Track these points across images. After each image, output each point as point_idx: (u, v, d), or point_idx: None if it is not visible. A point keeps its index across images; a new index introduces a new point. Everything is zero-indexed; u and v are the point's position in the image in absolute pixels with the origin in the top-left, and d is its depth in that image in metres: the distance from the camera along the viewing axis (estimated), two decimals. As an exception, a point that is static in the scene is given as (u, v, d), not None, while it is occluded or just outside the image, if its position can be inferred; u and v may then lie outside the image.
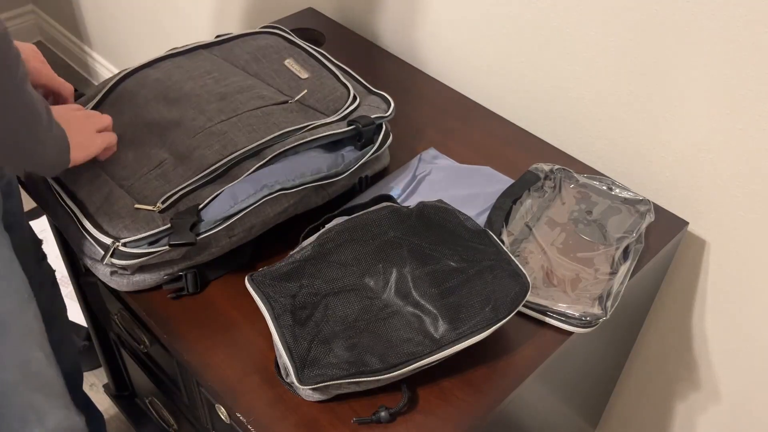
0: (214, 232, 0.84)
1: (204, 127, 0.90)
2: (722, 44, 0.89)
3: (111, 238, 0.82)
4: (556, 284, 0.89)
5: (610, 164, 1.10)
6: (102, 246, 0.83)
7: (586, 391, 1.15)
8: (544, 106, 1.15)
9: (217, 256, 0.88)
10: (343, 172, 0.92)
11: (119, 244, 0.81)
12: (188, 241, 0.81)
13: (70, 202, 0.87)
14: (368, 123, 0.93)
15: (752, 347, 1.07)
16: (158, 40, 2.06)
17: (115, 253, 0.81)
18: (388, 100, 1.00)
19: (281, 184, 0.87)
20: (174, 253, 0.84)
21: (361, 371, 0.74)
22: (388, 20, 1.33)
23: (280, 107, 0.94)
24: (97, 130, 0.87)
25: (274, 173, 0.87)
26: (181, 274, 0.87)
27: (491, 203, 0.98)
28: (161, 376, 1.07)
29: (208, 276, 0.89)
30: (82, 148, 0.83)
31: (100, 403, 1.36)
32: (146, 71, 0.99)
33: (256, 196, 0.86)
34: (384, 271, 0.82)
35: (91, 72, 2.51)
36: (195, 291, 0.88)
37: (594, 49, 1.03)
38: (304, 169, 0.89)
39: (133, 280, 0.86)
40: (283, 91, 0.98)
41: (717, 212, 1.01)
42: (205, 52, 1.03)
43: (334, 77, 1.01)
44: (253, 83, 0.98)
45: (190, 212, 0.83)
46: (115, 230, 0.83)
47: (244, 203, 0.85)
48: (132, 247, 0.81)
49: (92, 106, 0.95)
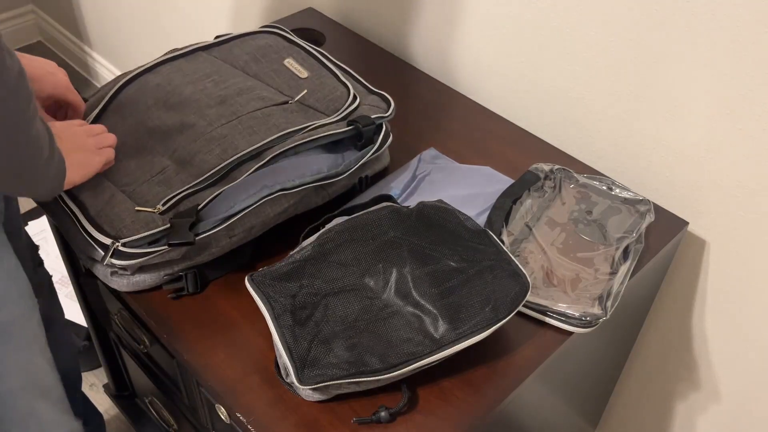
0: (214, 232, 0.84)
1: (204, 132, 0.90)
2: (722, 44, 0.89)
3: (111, 238, 0.82)
4: (556, 284, 0.89)
5: (610, 164, 1.10)
6: (102, 246, 0.83)
7: (586, 391, 1.15)
8: (544, 106, 1.15)
9: (218, 256, 0.88)
10: (343, 172, 0.92)
11: (119, 244, 0.81)
12: (187, 240, 0.81)
13: (71, 203, 0.87)
14: (368, 123, 0.93)
15: (752, 347, 1.07)
16: (158, 40, 2.06)
17: (114, 253, 0.82)
18: (388, 99, 1.00)
19: (281, 185, 0.87)
20: (174, 253, 0.84)
21: (361, 371, 0.74)
22: (388, 20, 1.33)
23: (280, 108, 0.94)
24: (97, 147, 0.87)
25: (274, 174, 0.87)
26: (181, 275, 0.87)
27: (491, 203, 0.98)
28: (161, 376, 1.07)
29: (208, 276, 0.89)
30: (80, 167, 0.83)
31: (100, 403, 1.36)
32: (146, 77, 0.99)
33: (256, 196, 0.86)
34: (384, 271, 0.82)
35: (91, 72, 2.51)
36: (195, 291, 0.88)
37: (594, 49, 1.03)
38: (304, 169, 0.89)
39: (133, 280, 0.86)
40: (283, 91, 0.98)
41: (717, 212, 1.01)
42: (205, 53, 1.03)
43: (334, 76, 1.01)
44: (253, 84, 0.98)
45: (189, 212, 0.83)
46: (115, 231, 0.83)
47: (243, 203, 0.85)
48: (131, 246, 0.82)
49: (95, 114, 0.95)
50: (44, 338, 0.94)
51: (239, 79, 0.98)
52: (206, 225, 0.83)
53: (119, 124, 0.94)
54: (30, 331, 0.90)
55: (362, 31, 1.39)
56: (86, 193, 0.87)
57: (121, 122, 0.94)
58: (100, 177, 0.88)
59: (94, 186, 0.87)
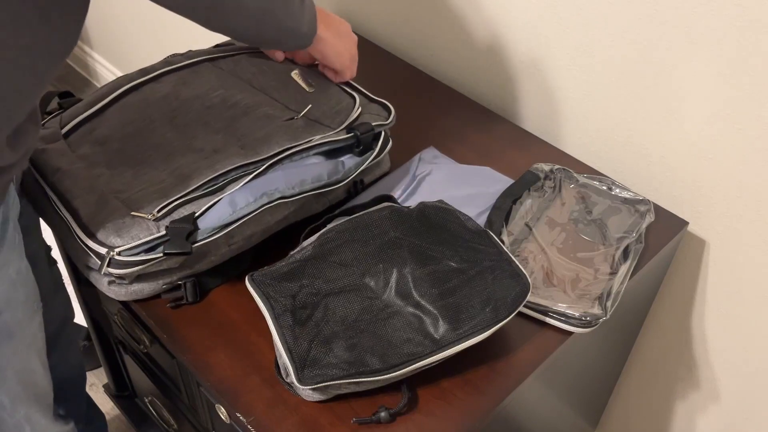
0: (213, 239, 0.83)
1: (209, 156, 0.89)
2: (722, 44, 0.89)
3: (106, 247, 0.81)
4: (556, 284, 0.89)
5: (610, 164, 1.10)
6: (98, 256, 0.81)
7: (586, 391, 1.15)
8: (544, 106, 1.15)
9: (217, 264, 0.88)
10: (343, 179, 0.92)
11: (114, 253, 0.80)
12: (183, 250, 0.80)
13: (64, 210, 0.85)
14: (367, 130, 0.93)
15: (752, 347, 1.07)
16: (159, 41, 2.06)
17: (111, 262, 0.80)
18: (388, 107, 0.99)
19: (281, 192, 0.86)
20: (171, 262, 0.83)
21: (361, 371, 0.74)
22: (388, 21, 1.33)
23: (285, 125, 0.93)
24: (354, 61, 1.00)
25: (274, 181, 0.87)
26: (180, 283, 0.86)
27: (491, 203, 0.98)
28: (161, 376, 1.07)
29: (207, 284, 0.89)
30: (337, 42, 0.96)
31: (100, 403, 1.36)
32: (152, 86, 0.98)
33: (256, 204, 0.85)
34: (384, 272, 0.82)
35: (91, 72, 2.51)
36: (194, 300, 0.87)
37: (594, 49, 1.03)
38: (304, 176, 0.89)
39: (131, 289, 0.85)
40: (289, 105, 0.97)
41: (717, 212, 1.01)
42: (211, 65, 1.02)
43: (339, 87, 1.01)
44: (260, 100, 0.97)
45: (186, 220, 0.82)
46: (109, 239, 0.81)
47: (242, 211, 0.84)
48: (127, 255, 0.80)
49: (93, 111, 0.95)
50: (43, 342, 0.94)
51: (246, 95, 0.97)
52: (204, 233, 0.82)
53: (118, 129, 0.93)
54: (30, 336, 0.90)
55: (362, 31, 1.39)
56: (79, 198, 0.85)
57: (120, 128, 0.93)
58: (93, 183, 0.87)
59: (86, 191, 0.86)
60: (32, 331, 0.90)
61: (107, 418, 1.37)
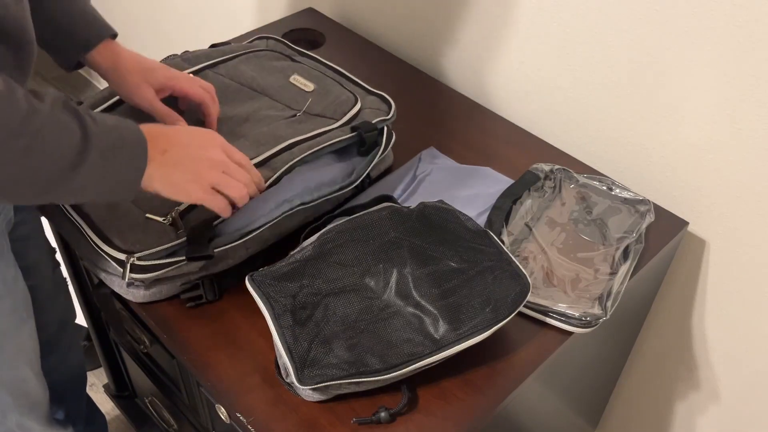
0: (233, 246, 0.83)
1: None
2: (722, 44, 0.89)
3: (124, 252, 0.80)
4: (556, 284, 0.89)
5: (610, 164, 1.10)
6: (117, 262, 0.81)
7: (586, 391, 1.15)
8: (545, 107, 1.15)
9: (232, 266, 0.88)
10: (356, 179, 0.93)
11: (134, 259, 0.80)
12: (206, 254, 0.80)
13: (75, 214, 0.85)
14: (370, 128, 0.94)
15: (752, 347, 1.07)
16: (158, 41, 2.06)
17: (131, 268, 0.80)
18: (387, 100, 1.00)
19: (301, 198, 0.87)
20: (191, 266, 0.84)
21: (361, 371, 0.74)
22: (388, 21, 1.33)
23: (287, 121, 0.94)
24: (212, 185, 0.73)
25: (292, 188, 0.87)
26: (197, 282, 0.86)
27: (491, 203, 0.98)
28: (161, 376, 1.07)
29: (222, 285, 0.89)
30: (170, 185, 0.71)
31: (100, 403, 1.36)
32: None
33: (277, 211, 0.86)
34: (384, 272, 0.82)
35: (91, 72, 2.51)
36: (213, 299, 0.87)
37: (594, 49, 1.03)
38: (320, 180, 0.89)
39: (150, 291, 0.85)
40: (290, 105, 0.98)
41: (717, 212, 1.01)
42: (211, 72, 1.03)
43: (338, 83, 1.01)
44: (261, 104, 0.97)
45: (205, 225, 0.82)
46: (127, 244, 0.81)
47: (263, 219, 0.85)
48: (147, 260, 0.80)
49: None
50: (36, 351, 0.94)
51: (248, 103, 0.98)
52: (225, 239, 0.83)
53: None
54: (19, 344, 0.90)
55: (362, 31, 1.39)
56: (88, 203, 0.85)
57: None
58: None
59: None
60: (20, 340, 0.90)
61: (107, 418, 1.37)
